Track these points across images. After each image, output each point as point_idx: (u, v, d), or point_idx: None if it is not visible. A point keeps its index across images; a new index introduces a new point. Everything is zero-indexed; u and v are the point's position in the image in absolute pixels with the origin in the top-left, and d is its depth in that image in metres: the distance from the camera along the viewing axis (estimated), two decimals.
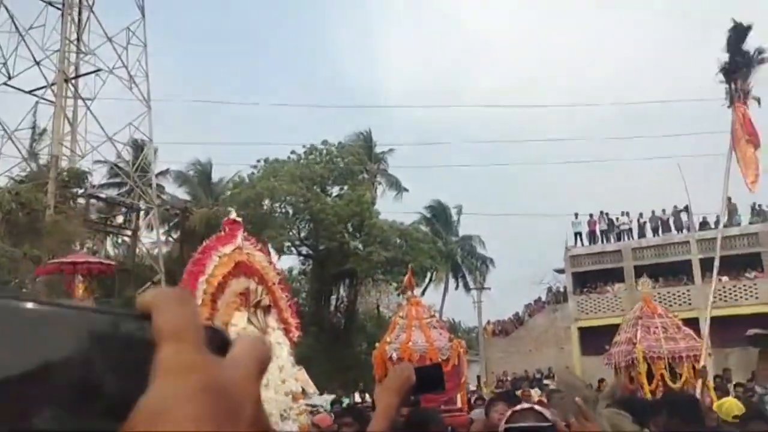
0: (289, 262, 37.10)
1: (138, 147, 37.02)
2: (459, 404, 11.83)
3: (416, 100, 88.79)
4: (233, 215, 7.13)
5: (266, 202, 33.85)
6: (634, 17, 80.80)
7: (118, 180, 38.05)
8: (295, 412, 6.18)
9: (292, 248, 34.52)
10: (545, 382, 20.22)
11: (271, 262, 7.51)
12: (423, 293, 40.88)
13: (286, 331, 7.19)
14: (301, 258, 36.53)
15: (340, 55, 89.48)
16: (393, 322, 13.54)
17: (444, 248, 38.18)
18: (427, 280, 39.39)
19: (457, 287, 39.61)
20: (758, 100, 9.54)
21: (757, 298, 26.04)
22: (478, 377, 26.91)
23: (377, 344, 13.18)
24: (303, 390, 6.97)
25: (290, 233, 33.80)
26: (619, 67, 78.14)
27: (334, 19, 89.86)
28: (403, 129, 60.42)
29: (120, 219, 40.15)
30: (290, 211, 33.66)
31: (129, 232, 34.92)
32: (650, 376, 10.88)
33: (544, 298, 30.81)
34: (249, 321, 6.70)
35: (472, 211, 45.05)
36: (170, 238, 36.31)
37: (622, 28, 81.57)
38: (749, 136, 9.11)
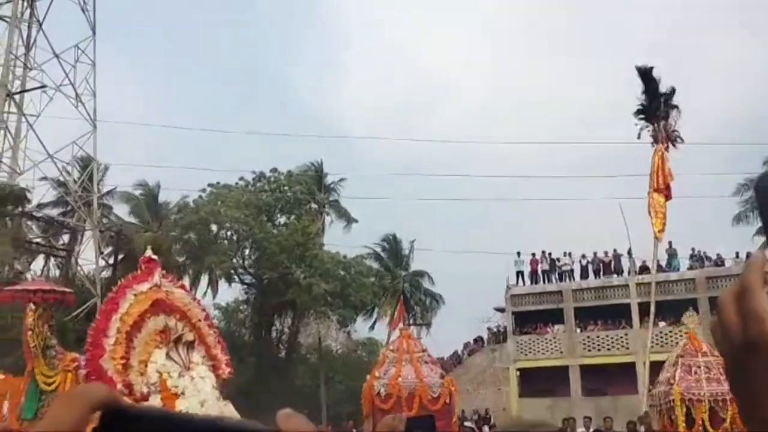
0: (235, 290, 36.50)
1: (85, 166, 36.23)
2: None
3: (373, 133, 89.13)
4: (149, 253, 6.86)
5: (213, 227, 33.29)
6: (592, 63, 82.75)
7: (63, 199, 37.09)
8: None
9: (235, 276, 33.88)
10: (466, 424, 19.78)
11: (195, 299, 7.30)
12: (372, 328, 40.46)
13: (215, 368, 7.02)
14: (245, 286, 35.87)
15: (298, 87, 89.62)
16: (383, 356, 12.78)
17: (391, 283, 37.85)
18: (375, 314, 39.00)
19: (407, 323, 39.13)
20: (674, 143, 9.57)
21: None
22: None
23: (367, 378, 12.40)
24: None
25: (234, 260, 33.17)
26: (577, 111, 79.67)
27: (292, 50, 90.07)
28: (358, 161, 60.47)
29: (65, 239, 39.06)
30: (235, 238, 33.13)
31: (63, 253, 33.80)
32: (691, 421, 10.20)
33: (485, 337, 30.62)
34: (168, 357, 6.52)
35: (424, 247, 44.65)
36: (106, 261, 35.24)
37: (580, 74, 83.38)
38: (661, 186, 9.10)
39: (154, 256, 6.63)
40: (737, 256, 27.98)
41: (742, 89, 71.02)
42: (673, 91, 10.50)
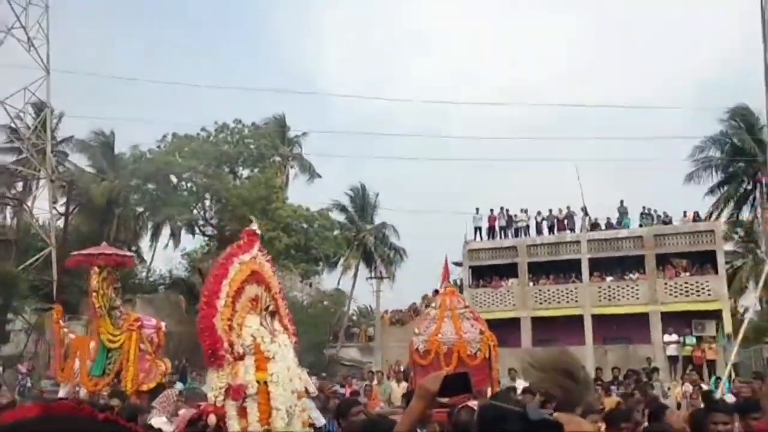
0: (198, 242, 36.51)
1: (39, 113, 35.40)
2: (489, 396, 11.40)
3: (348, 88, 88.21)
4: (254, 227, 7.38)
5: (173, 178, 33.01)
6: (570, 23, 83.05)
7: (16, 145, 36.21)
8: (299, 409, 6.74)
9: (197, 228, 33.83)
10: None
11: (275, 272, 7.94)
12: (339, 282, 40.76)
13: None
14: (206, 238, 35.82)
15: (274, 39, 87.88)
16: (425, 314, 12.93)
17: (356, 236, 38.11)
18: (339, 267, 39.17)
19: (371, 275, 39.30)
20: None
21: (637, 298, 27.47)
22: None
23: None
24: (306, 389, 7.49)
25: (194, 212, 33.09)
26: (552, 70, 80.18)
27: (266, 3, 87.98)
28: (326, 116, 60.15)
29: (19, 187, 38.31)
30: (195, 189, 32.94)
31: (15, 202, 33.25)
32: None
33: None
34: (261, 324, 7.18)
35: (391, 204, 45.04)
36: (58, 212, 34.51)
37: (556, 34, 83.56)
38: None
39: (258, 231, 7.17)
40: (684, 215, 29.15)
41: None
42: None
